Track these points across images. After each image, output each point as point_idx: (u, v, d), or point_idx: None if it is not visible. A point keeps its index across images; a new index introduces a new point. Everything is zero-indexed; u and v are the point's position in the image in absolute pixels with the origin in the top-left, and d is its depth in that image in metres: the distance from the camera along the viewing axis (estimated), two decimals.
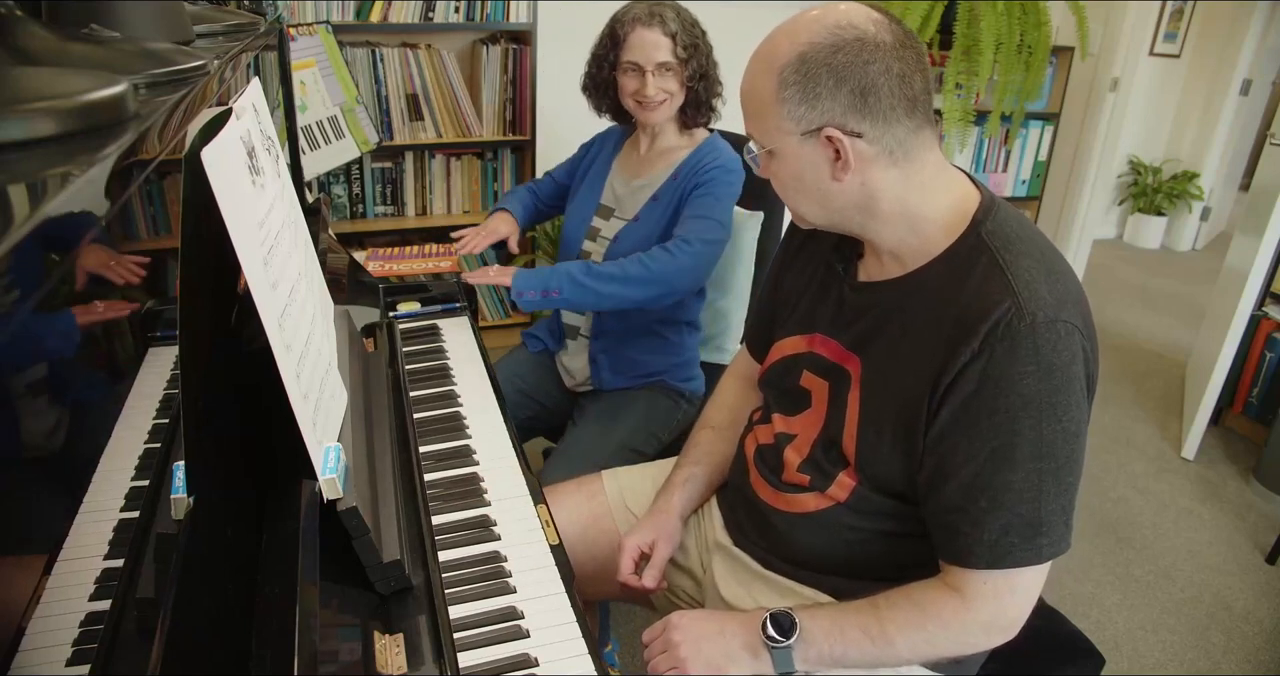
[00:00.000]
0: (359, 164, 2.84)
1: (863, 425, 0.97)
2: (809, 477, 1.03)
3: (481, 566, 0.97)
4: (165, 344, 0.66)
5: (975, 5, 3.03)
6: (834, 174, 0.89)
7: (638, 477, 1.32)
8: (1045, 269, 0.88)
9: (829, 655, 0.95)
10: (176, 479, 0.61)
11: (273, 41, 1.54)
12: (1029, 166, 3.62)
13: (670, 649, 0.98)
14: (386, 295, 1.54)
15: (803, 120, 0.87)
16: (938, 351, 0.88)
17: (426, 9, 2.71)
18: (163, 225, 0.69)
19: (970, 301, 0.87)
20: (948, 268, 0.91)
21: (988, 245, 0.89)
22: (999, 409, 0.84)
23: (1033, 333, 0.83)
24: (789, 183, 0.94)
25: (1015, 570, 0.88)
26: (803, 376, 1.06)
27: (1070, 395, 0.84)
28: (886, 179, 0.90)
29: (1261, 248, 2.44)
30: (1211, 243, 4.97)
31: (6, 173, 0.45)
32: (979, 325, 0.84)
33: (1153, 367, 3.35)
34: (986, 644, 0.94)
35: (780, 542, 1.08)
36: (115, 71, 0.61)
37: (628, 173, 1.73)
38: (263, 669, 0.68)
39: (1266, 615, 2.06)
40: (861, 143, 0.87)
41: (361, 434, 0.96)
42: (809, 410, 1.04)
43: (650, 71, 1.57)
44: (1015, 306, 0.84)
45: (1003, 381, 0.84)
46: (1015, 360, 0.83)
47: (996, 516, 0.86)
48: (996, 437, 0.85)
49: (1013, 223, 0.92)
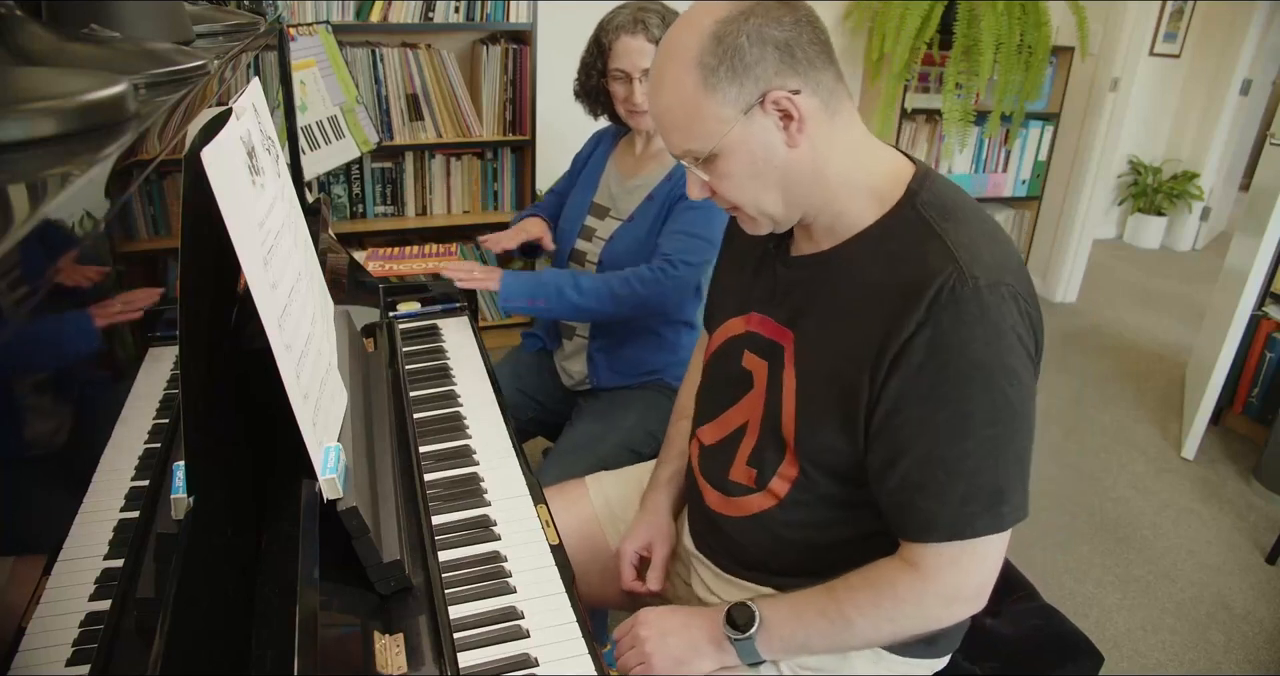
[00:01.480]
0: (359, 164, 2.84)
1: (800, 402, 0.95)
2: (755, 471, 1.01)
3: (481, 566, 0.97)
4: (165, 344, 0.66)
5: (975, 5, 3.03)
6: (789, 140, 0.86)
7: (621, 481, 1.31)
8: (985, 235, 0.87)
9: (792, 641, 0.95)
10: (176, 479, 0.61)
11: (273, 41, 1.54)
12: (1029, 166, 3.62)
13: (637, 644, 0.99)
14: (386, 295, 1.54)
15: (740, 98, 0.84)
16: (877, 324, 0.86)
17: (426, 9, 2.71)
18: (163, 225, 0.69)
19: (910, 271, 0.85)
20: (882, 238, 0.89)
21: (923, 215, 0.88)
22: (949, 377, 0.83)
23: (977, 296, 0.81)
24: (745, 175, 0.89)
25: (973, 540, 0.86)
26: (744, 357, 1.03)
27: (1017, 357, 0.83)
28: (830, 134, 0.87)
29: (1261, 248, 2.44)
30: (1211, 243, 4.97)
31: (6, 173, 0.45)
32: (922, 293, 0.82)
33: (1153, 368, 3.35)
34: (949, 617, 0.93)
35: (734, 547, 1.07)
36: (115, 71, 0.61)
37: (624, 172, 1.73)
38: (263, 669, 0.68)
39: (1266, 615, 2.06)
40: (800, 98, 0.85)
41: (361, 434, 0.96)
42: (750, 393, 1.02)
43: (637, 79, 1.56)
44: (957, 272, 0.82)
45: (951, 349, 0.82)
46: (962, 325, 0.81)
47: (954, 487, 0.85)
48: (948, 406, 0.83)
49: (948, 192, 0.91)
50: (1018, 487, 0.86)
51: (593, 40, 1.64)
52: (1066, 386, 3.12)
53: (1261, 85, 4.60)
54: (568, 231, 1.75)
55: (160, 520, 0.60)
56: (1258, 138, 4.87)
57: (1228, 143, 4.71)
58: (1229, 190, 5.04)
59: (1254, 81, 4.52)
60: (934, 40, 3.09)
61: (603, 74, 1.63)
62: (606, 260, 1.67)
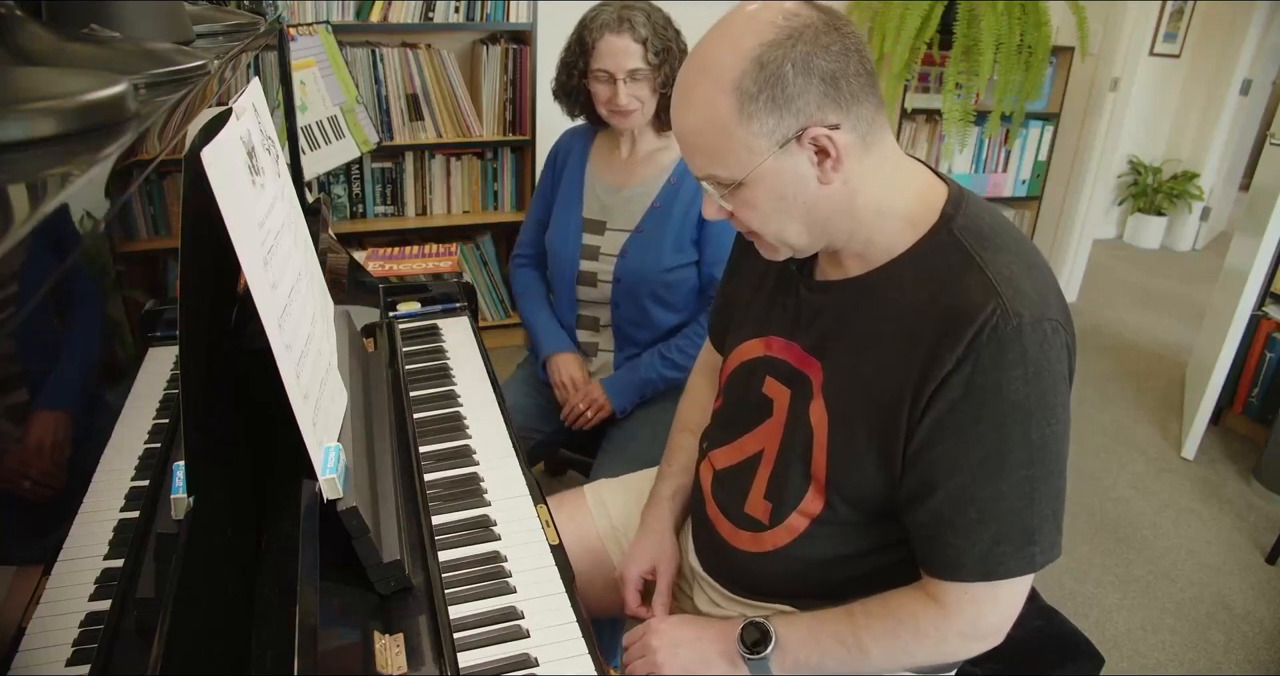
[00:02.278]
0: (359, 164, 2.84)
1: (833, 436, 0.91)
2: (771, 505, 0.98)
3: (481, 566, 0.97)
4: (165, 344, 0.66)
5: (975, 5, 3.03)
6: (821, 177, 0.82)
7: (619, 489, 1.29)
8: (1024, 264, 0.83)
9: (805, 663, 0.93)
10: (176, 479, 0.61)
11: (273, 41, 1.53)
12: (1029, 166, 3.62)
13: (648, 653, 0.98)
14: (386, 295, 1.54)
15: (777, 130, 0.79)
16: (917, 356, 0.82)
17: (426, 9, 2.71)
18: (163, 225, 0.69)
19: (950, 304, 0.81)
20: (917, 266, 0.86)
21: (961, 242, 0.84)
22: (986, 416, 0.80)
23: (1019, 335, 0.78)
24: (769, 208, 0.84)
25: (1000, 581, 0.85)
26: (765, 383, 0.99)
27: (1057, 396, 0.81)
28: (861, 169, 0.83)
29: (1261, 248, 2.44)
30: (1211, 243, 4.97)
31: (6, 173, 0.45)
32: (963, 329, 0.79)
33: (1153, 368, 3.35)
34: (965, 653, 0.92)
35: (747, 577, 1.05)
36: (115, 71, 0.61)
37: (612, 180, 1.66)
38: (263, 669, 0.68)
39: (1266, 615, 2.06)
40: (839, 133, 0.80)
41: (361, 434, 0.96)
42: (769, 421, 0.99)
43: (621, 79, 1.51)
44: (1000, 308, 0.79)
45: (990, 388, 0.79)
46: (1003, 365, 0.79)
47: (987, 527, 0.83)
48: (985, 446, 0.81)
49: (985, 216, 0.87)
50: (1050, 528, 0.84)
51: (574, 39, 1.57)
52: None
53: (1261, 85, 4.60)
54: (562, 251, 1.69)
55: (160, 520, 0.60)
56: (1258, 138, 4.87)
57: (1228, 143, 4.71)
58: (1229, 190, 5.04)
59: (1254, 81, 4.52)
60: (934, 40, 3.09)
61: (584, 74, 1.57)
62: (626, 277, 1.62)
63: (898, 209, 0.87)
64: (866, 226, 0.87)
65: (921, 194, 0.88)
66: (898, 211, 0.87)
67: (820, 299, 0.94)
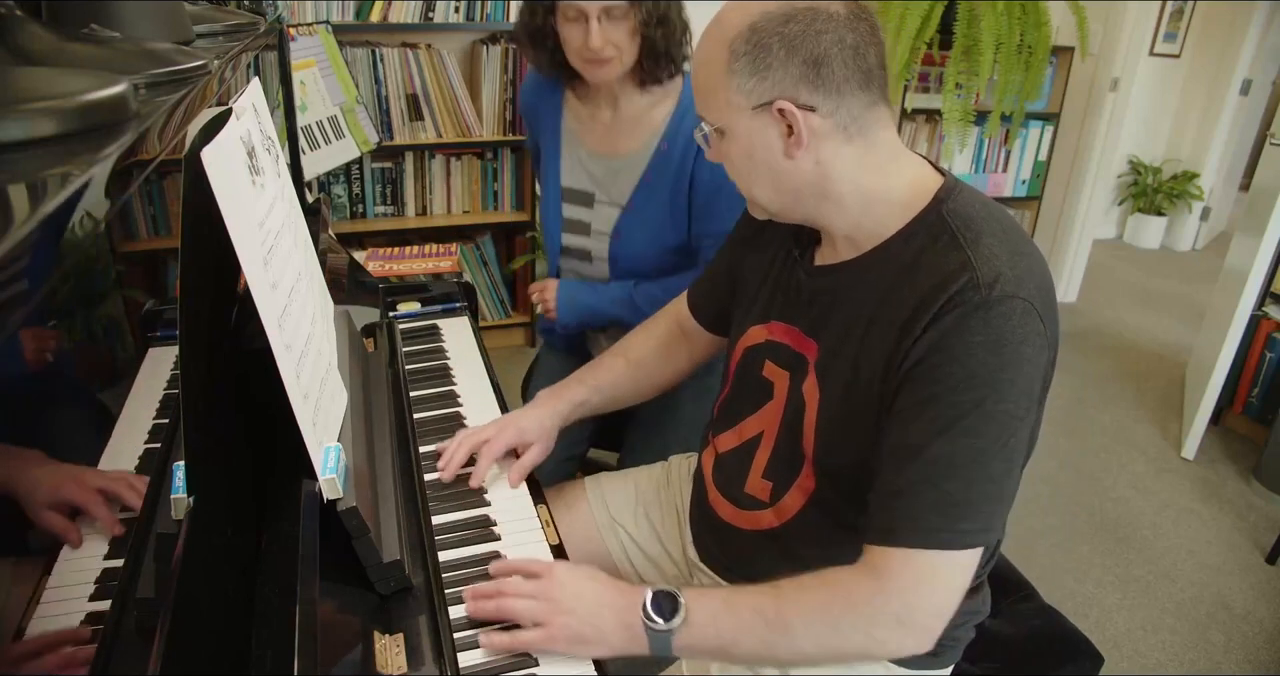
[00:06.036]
0: (359, 164, 2.84)
1: (823, 414, 0.94)
2: (771, 483, 1.00)
3: (481, 566, 0.97)
4: (165, 344, 0.66)
5: (975, 5, 3.03)
6: (786, 151, 0.86)
7: (620, 483, 1.29)
8: (1010, 249, 0.84)
9: (715, 640, 0.86)
10: (176, 479, 0.61)
11: (273, 41, 1.54)
12: (1029, 166, 3.62)
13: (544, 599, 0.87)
14: (386, 295, 1.54)
15: (753, 93, 0.84)
16: (894, 328, 0.85)
17: (426, 9, 2.71)
18: (163, 225, 0.69)
19: (928, 278, 0.84)
20: (905, 247, 0.88)
21: (948, 224, 0.86)
22: (942, 378, 0.81)
23: (985, 305, 0.80)
24: (741, 164, 0.90)
25: (936, 553, 0.81)
26: (765, 367, 1.02)
27: (1018, 375, 0.80)
28: (841, 157, 0.86)
29: (1261, 248, 2.44)
30: (1211, 243, 4.97)
31: (6, 173, 0.45)
32: (936, 298, 0.82)
33: (1153, 368, 3.35)
34: (897, 644, 0.84)
35: (742, 560, 1.05)
36: (115, 71, 0.61)
37: (598, 147, 1.48)
38: (263, 669, 0.68)
39: (1266, 615, 2.06)
40: (815, 117, 0.84)
41: (361, 434, 0.96)
42: (770, 403, 1.01)
43: (595, 19, 1.27)
44: (971, 279, 0.81)
45: (949, 351, 0.81)
46: (964, 330, 0.80)
47: (924, 491, 0.81)
48: (936, 406, 0.81)
49: (976, 203, 0.89)
50: (985, 510, 0.82)
51: None
52: (1066, 386, 3.12)
53: (1261, 85, 4.60)
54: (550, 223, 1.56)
55: (160, 520, 0.60)
56: (1258, 138, 4.87)
57: (1228, 143, 4.71)
58: (1229, 190, 5.04)
59: (1254, 81, 4.52)
60: (934, 40, 3.08)
61: (551, 9, 1.33)
62: (622, 259, 1.50)
63: (888, 196, 0.89)
64: (851, 212, 0.90)
65: (913, 182, 0.90)
66: (889, 198, 0.89)
67: (817, 282, 0.97)
